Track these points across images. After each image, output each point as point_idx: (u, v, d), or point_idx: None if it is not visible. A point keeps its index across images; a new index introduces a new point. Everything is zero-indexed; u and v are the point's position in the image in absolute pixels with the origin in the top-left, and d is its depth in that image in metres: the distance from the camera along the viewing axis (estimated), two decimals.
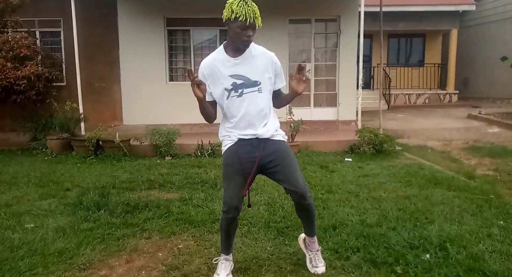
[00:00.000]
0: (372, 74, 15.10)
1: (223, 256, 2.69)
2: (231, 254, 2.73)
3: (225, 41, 2.54)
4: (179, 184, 4.89)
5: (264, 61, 2.51)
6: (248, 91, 2.48)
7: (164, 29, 8.62)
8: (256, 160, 2.49)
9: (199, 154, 6.57)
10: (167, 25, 8.66)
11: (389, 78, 13.92)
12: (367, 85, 13.98)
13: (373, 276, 2.64)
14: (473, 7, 14.30)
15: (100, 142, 6.69)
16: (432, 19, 14.23)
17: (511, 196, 4.56)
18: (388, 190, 4.50)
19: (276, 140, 2.57)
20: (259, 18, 2.35)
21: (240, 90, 2.48)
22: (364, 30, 8.06)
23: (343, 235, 3.23)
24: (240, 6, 2.28)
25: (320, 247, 2.82)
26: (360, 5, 7.90)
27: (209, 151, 6.57)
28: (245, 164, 2.49)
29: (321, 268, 2.71)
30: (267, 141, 2.53)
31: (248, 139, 2.51)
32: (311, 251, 2.77)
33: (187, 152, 6.79)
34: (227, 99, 2.50)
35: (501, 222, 3.51)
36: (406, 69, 15.35)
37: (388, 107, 13.40)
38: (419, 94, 15.15)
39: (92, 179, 5.23)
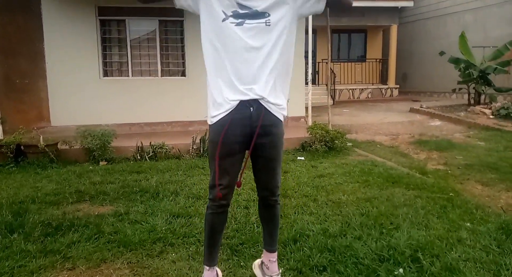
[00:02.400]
0: (317, 70, 15.04)
1: (206, 270, 2.21)
2: (215, 266, 2.25)
3: None
4: (114, 194, 4.24)
5: None
6: (250, 23, 1.90)
7: (96, 18, 7.73)
8: (251, 134, 1.97)
9: (139, 157, 5.91)
10: (99, 14, 7.79)
11: (334, 74, 13.92)
12: (312, 80, 13.87)
13: None
14: (411, 3, 14.71)
15: (22, 147, 5.80)
16: (373, 15, 14.46)
17: (467, 192, 4.49)
18: (347, 192, 4.19)
19: (277, 117, 2.02)
20: None
21: (241, 20, 1.90)
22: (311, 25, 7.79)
23: (305, 249, 2.84)
24: None
25: (280, 270, 2.40)
26: None
27: (150, 154, 5.93)
28: (237, 140, 1.98)
29: None
30: (268, 113, 1.98)
31: (246, 101, 1.94)
32: None
33: (125, 156, 6.09)
34: (222, 21, 1.90)
35: (468, 224, 3.32)
36: (349, 65, 15.50)
37: (334, 102, 13.40)
38: (362, 89, 15.35)
39: (9, 193, 4.43)
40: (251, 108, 1.96)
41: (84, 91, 7.71)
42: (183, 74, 8.14)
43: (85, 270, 2.67)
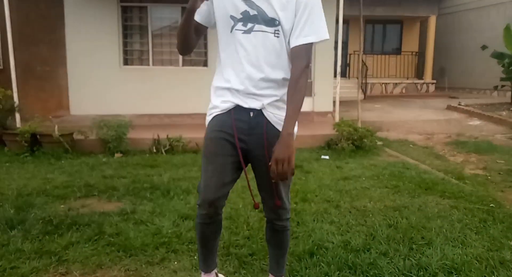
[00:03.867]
0: (348, 62, 14.45)
1: (202, 275, 2.01)
2: (214, 271, 2.03)
3: None
4: (124, 190, 4.03)
5: None
6: (259, 29, 1.70)
7: (117, 5, 7.53)
8: (247, 143, 1.77)
9: (155, 150, 5.69)
10: (121, 0, 7.59)
11: (366, 67, 13.31)
12: (342, 73, 13.34)
13: None
14: None
15: (38, 136, 5.69)
16: (411, 5, 13.69)
17: (510, 202, 3.99)
18: (374, 198, 3.79)
19: (278, 130, 1.74)
20: None
21: (250, 25, 1.70)
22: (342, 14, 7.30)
23: (322, 265, 2.51)
24: None
25: None
26: None
27: (167, 147, 5.70)
28: (238, 142, 1.76)
29: None
30: (270, 125, 1.76)
31: (248, 108, 1.75)
32: None
33: (141, 148, 5.88)
34: (231, 31, 1.72)
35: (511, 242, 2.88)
36: (383, 57, 14.81)
37: (365, 97, 12.82)
38: (396, 83, 14.65)
39: (19, 184, 4.30)
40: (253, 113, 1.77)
41: (104, 80, 7.55)
42: (205, 64, 7.87)
43: (78, 276, 2.44)
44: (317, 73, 8.24)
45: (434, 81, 14.82)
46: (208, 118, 1.84)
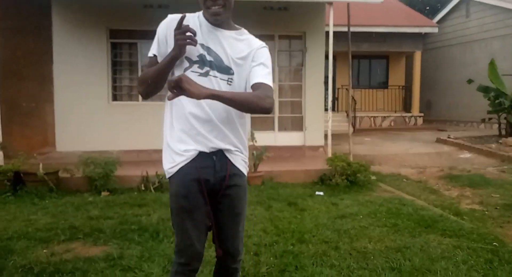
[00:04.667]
0: (336, 96, 14.60)
1: None
2: None
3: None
4: (110, 232, 3.81)
5: (247, 49, 1.80)
6: (215, 75, 1.75)
7: (107, 41, 7.52)
8: (218, 187, 1.79)
9: (144, 188, 5.49)
10: (111, 37, 7.59)
11: (354, 100, 13.45)
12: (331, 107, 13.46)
13: None
14: (436, 30, 14.26)
15: (21, 175, 5.47)
16: (396, 41, 14.03)
17: (510, 238, 3.88)
18: (374, 238, 3.64)
19: (239, 169, 1.84)
20: None
21: (206, 69, 1.75)
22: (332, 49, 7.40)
23: None
24: None
25: None
26: (328, 24, 7.27)
27: (156, 184, 5.51)
28: (203, 192, 1.77)
29: None
30: (232, 166, 1.81)
31: (209, 153, 1.77)
32: None
33: (130, 186, 5.67)
34: (184, 71, 1.73)
35: None
36: (370, 91, 15.00)
37: (354, 130, 12.85)
38: (384, 116, 14.78)
39: (0, 226, 4.06)
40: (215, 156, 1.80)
41: (92, 115, 7.41)
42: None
43: None
44: (307, 107, 8.24)
45: (422, 114, 15.00)
46: (170, 171, 1.82)
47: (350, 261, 3.13)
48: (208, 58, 1.75)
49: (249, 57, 1.78)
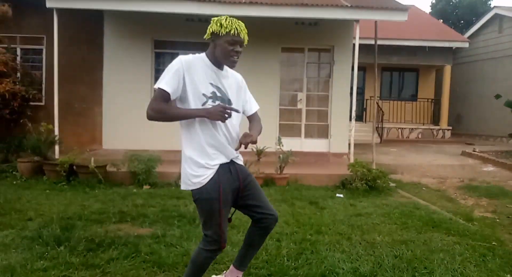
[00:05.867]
0: (364, 107, 14.94)
1: None
2: None
3: (206, 52, 2.34)
4: (154, 217, 4.44)
5: (235, 82, 2.46)
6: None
7: (151, 51, 8.33)
8: (239, 186, 2.40)
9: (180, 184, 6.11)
10: (155, 47, 8.39)
11: (382, 111, 13.75)
12: (359, 117, 13.79)
13: None
14: (466, 45, 14.38)
15: (74, 167, 6.23)
16: (426, 55, 14.24)
17: None
18: (383, 233, 4.10)
19: (241, 164, 2.50)
20: (247, 35, 2.30)
21: (218, 102, 2.31)
22: (357, 62, 7.86)
23: None
24: (229, 21, 2.24)
25: None
26: (354, 37, 7.74)
27: None
28: (230, 194, 2.35)
29: None
30: (239, 166, 2.46)
31: (225, 163, 2.36)
32: None
33: (168, 181, 6.34)
34: (202, 105, 2.28)
35: (508, 275, 3.14)
36: (399, 103, 15.23)
37: (381, 141, 13.14)
38: (412, 128, 14.97)
39: (60, 208, 4.77)
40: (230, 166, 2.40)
41: (135, 118, 8.16)
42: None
43: None
44: (333, 116, 8.71)
45: (450, 128, 15.08)
46: (201, 182, 2.33)
47: (359, 248, 3.60)
48: (218, 94, 2.31)
49: (241, 89, 2.47)
